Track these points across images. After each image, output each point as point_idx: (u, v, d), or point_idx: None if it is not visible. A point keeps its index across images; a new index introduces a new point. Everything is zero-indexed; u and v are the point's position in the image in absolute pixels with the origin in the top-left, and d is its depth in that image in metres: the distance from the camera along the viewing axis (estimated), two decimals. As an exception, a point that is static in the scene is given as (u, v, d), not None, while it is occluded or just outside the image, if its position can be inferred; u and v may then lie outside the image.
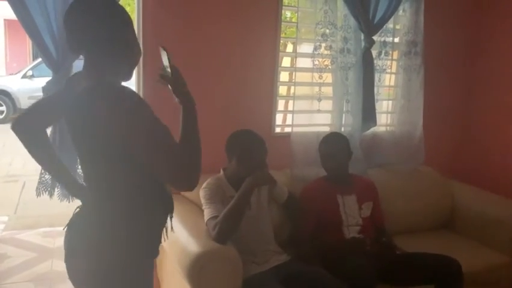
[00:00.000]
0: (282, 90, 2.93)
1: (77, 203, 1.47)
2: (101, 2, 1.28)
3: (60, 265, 2.94)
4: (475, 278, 2.23)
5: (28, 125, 1.47)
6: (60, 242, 1.44)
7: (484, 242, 2.58)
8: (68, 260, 1.36)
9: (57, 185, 2.10)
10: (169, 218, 1.44)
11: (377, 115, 2.75)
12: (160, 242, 1.42)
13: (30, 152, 1.48)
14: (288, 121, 2.69)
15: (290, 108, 2.73)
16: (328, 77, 2.56)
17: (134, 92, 1.26)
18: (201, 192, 2.07)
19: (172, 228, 1.46)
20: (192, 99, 1.32)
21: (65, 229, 1.38)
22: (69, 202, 2.06)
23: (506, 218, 2.54)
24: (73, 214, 1.40)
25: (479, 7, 3.06)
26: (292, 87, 2.63)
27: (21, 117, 1.48)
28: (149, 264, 1.42)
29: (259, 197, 2.14)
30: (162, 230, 1.42)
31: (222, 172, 2.16)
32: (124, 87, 1.26)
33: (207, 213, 1.98)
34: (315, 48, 2.50)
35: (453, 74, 3.12)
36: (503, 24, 2.97)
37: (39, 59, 8.58)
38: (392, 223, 2.51)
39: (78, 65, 1.70)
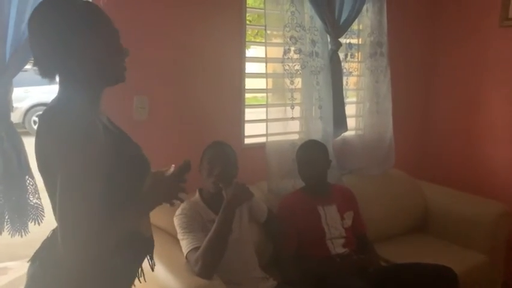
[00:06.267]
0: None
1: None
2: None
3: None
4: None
5: None
6: (7, 279, 1.18)
7: (460, 242, 2.55)
8: None
9: (7, 219, 1.77)
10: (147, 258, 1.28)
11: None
12: (133, 280, 1.26)
13: None
14: (257, 131, 2.49)
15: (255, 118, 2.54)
16: (299, 82, 2.40)
17: (88, 126, 1.03)
18: (176, 220, 1.81)
19: (152, 268, 1.30)
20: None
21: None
22: (22, 237, 1.77)
23: (479, 217, 2.52)
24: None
25: (438, 6, 3.07)
26: (264, 95, 2.43)
27: None
28: None
29: (240, 217, 1.92)
30: (134, 269, 1.26)
31: (197, 193, 1.92)
32: (81, 115, 1.04)
33: (186, 244, 1.73)
34: (285, 52, 2.32)
35: (416, 74, 3.11)
36: (459, 23, 3.00)
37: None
38: (368, 230, 2.39)
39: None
